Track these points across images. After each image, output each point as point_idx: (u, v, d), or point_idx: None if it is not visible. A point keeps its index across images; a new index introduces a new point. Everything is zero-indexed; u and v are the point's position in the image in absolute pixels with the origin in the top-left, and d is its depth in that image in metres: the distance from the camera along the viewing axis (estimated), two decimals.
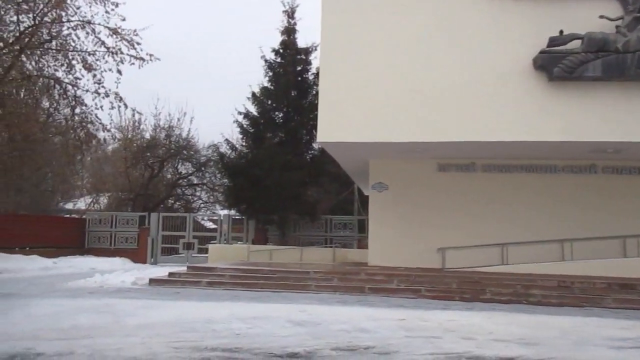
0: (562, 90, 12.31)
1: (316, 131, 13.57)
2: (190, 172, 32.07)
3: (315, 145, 22.14)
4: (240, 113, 22.90)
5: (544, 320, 8.23)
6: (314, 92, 21.91)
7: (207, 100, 47.52)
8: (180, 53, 54.57)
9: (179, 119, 30.30)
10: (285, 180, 20.73)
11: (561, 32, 12.16)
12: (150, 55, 21.13)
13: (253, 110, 23.07)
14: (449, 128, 12.56)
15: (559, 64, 12.04)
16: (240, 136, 23.53)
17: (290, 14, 23.92)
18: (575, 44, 12.14)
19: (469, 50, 12.67)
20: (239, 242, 21.75)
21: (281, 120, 23.07)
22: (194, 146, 31.00)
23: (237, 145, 23.75)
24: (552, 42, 12.18)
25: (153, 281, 12.56)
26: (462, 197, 14.84)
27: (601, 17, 12.08)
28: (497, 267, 13.52)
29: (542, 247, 13.76)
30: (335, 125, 13.02)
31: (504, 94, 12.46)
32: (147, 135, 30.71)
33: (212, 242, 22.65)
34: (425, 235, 14.57)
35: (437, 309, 9.44)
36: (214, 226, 26.72)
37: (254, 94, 23.05)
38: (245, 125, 23.02)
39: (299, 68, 23.25)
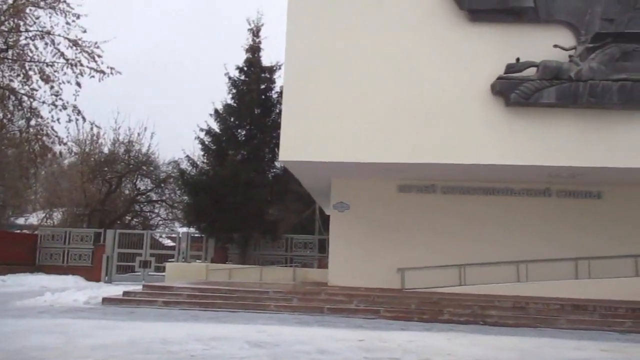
0: (519, 115, 12.70)
1: (279, 149, 13.55)
2: (149, 188, 31.42)
3: (278, 164, 22.09)
4: (202, 130, 22.72)
5: (501, 341, 8.33)
6: (278, 110, 21.97)
7: (170, 116, 46.95)
8: (143, 69, 53.88)
9: (139, 134, 29.77)
10: (248, 198, 20.57)
11: (518, 59, 12.59)
12: (112, 68, 20.79)
13: (215, 127, 22.91)
14: (410, 150, 12.75)
15: (516, 90, 12.44)
16: (202, 153, 23.32)
17: (256, 32, 24.02)
18: (531, 71, 12.58)
19: (430, 74, 12.95)
20: (198, 261, 21.34)
21: (244, 138, 22.96)
22: (154, 162, 30.45)
23: (198, 162, 23.50)
24: (509, 68, 12.59)
25: (107, 300, 12.15)
26: (422, 218, 15.03)
27: (555, 46, 12.57)
28: (455, 287, 13.68)
29: (499, 268, 14.03)
30: (298, 144, 13.04)
31: (464, 117, 12.77)
32: (106, 150, 30.03)
33: (170, 260, 22.18)
34: (386, 256, 14.65)
35: (396, 329, 9.45)
36: (172, 244, 26.15)
37: (216, 111, 22.91)
38: (207, 142, 22.82)
39: (263, 86, 23.27)
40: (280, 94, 18.43)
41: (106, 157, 29.48)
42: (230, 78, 23.25)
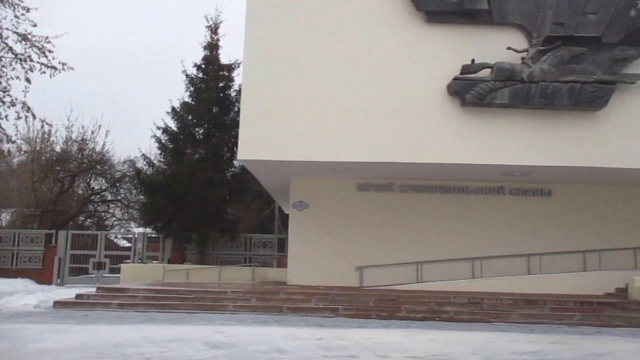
0: (474, 115, 12.99)
1: (237, 148, 13.43)
2: (103, 187, 30.59)
3: (236, 163, 21.88)
4: (159, 128, 22.27)
5: (456, 337, 8.51)
6: (236, 108, 21.77)
7: (125, 114, 45.83)
8: (98, 65, 52.37)
9: (93, 132, 28.91)
10: (206, 198, 20.31)
11: (473, 60, 12.86)
12: (63, 64, 20.04)
13: (173, 125, 22.50)
14: (368, 149, 12.85)
15: (471, 90, 12.71)
16: (159, 152, 22.85)
17: (214, 29, 23.73)
18: (486, 72, 12.87)
19: (388, 74, 13.08)
20: (155, 262, 20.94)
21: (202, 137, 22.65)
22: (109, 161, 29.62)
23: (155, 161, 23.03)
24: (465, 69, 12.85)
25: (58, 304, 11.78)
26: (380, 217, 15.19)
27: (509, 48, 12.90)
28: (413, 285, 13.88)
29: (455, 265, 14.33)
30: (257, 142, 12.96)
31: (421, 117, 12.96)
32: (58, 148, 29.03)
33: (125, 261, 21.64)
34: (345, 254, 14.74)
35: (355, 327, 9.52)
36: (128, 245, 25.57)
37: (174, 109, 22.51)
38: (164, 141, 22.39)
39: (221, 84, 23.00)
40: (239, 92, 18.27)
41: (58, 155, 28.50)
42: (187, 76, 22.88)
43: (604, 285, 13.36)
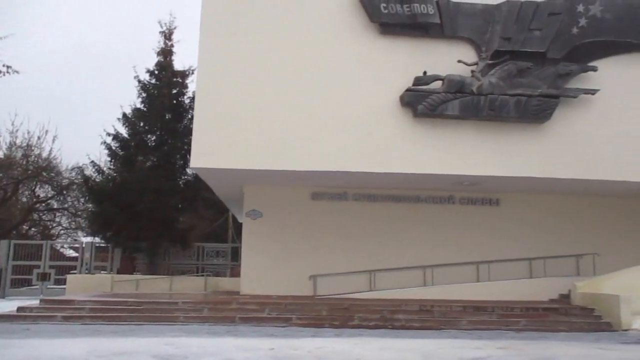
0: (426, 126, 13.26)
1: (190, 156, 13.23)
2: (49, 195, 29.47)
3: (189, 171, 21.58)
4: (109, 134, 21.76)
5: (407, 344, 8.60)
6: (190, 116, 21.51)
7: (74, 119, 44.41)
8: (49, 68, 50.56)
9: (39, 138, 27.85)
10: (157, 206, 19.92)
11: (425, 72, 13.15)
12: (8, 67, 19.31)
13: (124, 132, 22.04)
14: (322, 158, 12.91)
15: (423, 102, 12.98)
16: (109, 159, 22.32)
17: (168, 35, 23.44)
18: (438, 84, 13.18)
19: (342, 84, 13.20)
20: (103, 272, 20.31)
21: (154, 144, 22.26)
22: (56, 168, 28.59)
23: (104, 168, 22.45)
24: (417, 81, 13.12)
25: None
26: (334, 225, 15.25)
27: (459, 61, 13.27)
28: (366, 293, 13.97)
29: (407, 273, 14.52)
30: (210, 150, 12.81)
31: (375, 127, 13.13)
32: (1, 154, 27.85)
33: (72, 272, 20.88)
34: (299, 263, 14.71)
35: (308, 336, 9.49)
36: (75, 255, 24.69)
37: (125, 115, 22.04)
38: (114, 147, 21.88)
39: (174, 91, 22.71)
40: (193, 99, 18.06)
41: (1, 161, 27.32)
42: (140, 81, 22.49)
43: (549, 291, 13.84)
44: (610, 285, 12.36)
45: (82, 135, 34.64)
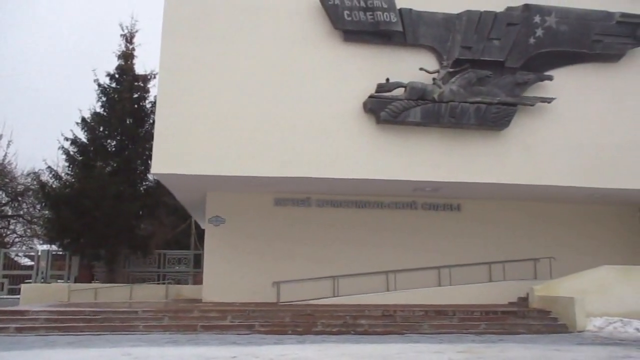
0: (389, 132, 13.39)
1: (152, 161, 13.00)
2: (3, 202, 28.47)
3: (150, 176, 21.21)
4: (67, 139, 21.21)
5: (369, 350, 8.62)
6: (151, 121, 21.17)
7: (30, 123, 43.08)
8: (4, 70, 48.90)
9: None
10: (117, 213, 19.49)
11: (387, 79, 13.28)
12: None
13: (82, 136, 21.53)
14: (285, 164, 12.87)
15: (385, 108, 13.11)
16: (67, 164, 21.74)
17: (129, 38, 23.07)
18: (400, 91, 13.34)
19: (305, 90, 13.22)
20: (60, 281, 19.73)
21: (114, 149, 21.81)
22: (10, 173, 27.70)
23: (62, 174, 21.84)
24: (380, 88, 13.25)
25: None
26: (297, 231, 15.22)
27: (421, 69, 13.47)
28: (329, 299, 13.98)
29: (370, 278, 14.61)
30: (172, 156, 12.61)
31: (338, 133, 13.18)
32: None
33: (26, 281, 20.21)
34: (262, 269, 14.61)
35: (270, 343, 9.40)
36: (30, 263, 23.92)
37: (84, 119, 21.55)
38: (72, 153, 21.34)
39: (135, 95, 22.34)
40: (155, 104, 17.80)
41: None
42: (100, 85, 22.04)
43: (508, 294, 14.12)
44: (565, 288, 12.72)
45: (39, 140, 33.63)
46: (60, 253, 21.11)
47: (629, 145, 14.23)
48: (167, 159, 12.62)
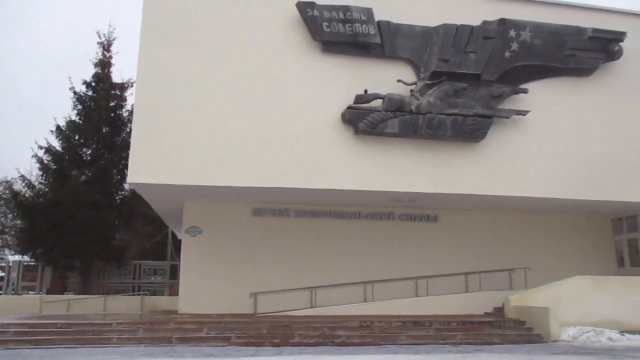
0: (367, 143, 13.46)
1: (128, 170, 12.82)
2: None
3: (127, 186, 20.94)
4: (41, 147, 20.86)
5: None
6: (128, 129, 20.99)
7: (5, 131, 42.22)
8: None
9: None
10: (92, 222, 19.17)
11: (366, 91, 13.37)
12: None
13: (57, 145, 21.18)
14: (263, 174, 12.82)
15: (364, 119, 13.18)
16: (40, 173, 21.35)
17: (107, 46, 22.87)
18: (378, 103, 13.43)
19: (284, 100, 13.22)
20: (31, 292, 19.27)
21: (89, 158, 21.51)
22: None
23: (35, 183, 21.43)
24: (358, 99, 13.32)
25: None
26: (275, 242, 15.15)
27: (399, 81, 13.60)
28: (307, 310, 13.88)
29: (348, 289, 14.57)
30: (148, 165, 12.46)
31: (316, 144, 13.20)
32: None
33: None
34: (239, 280, 14.49)
35: (247, 355, 9.31)
36: (1, 274, 23.31)
37: (59, 128, 21.22)
38: (46, 161, 20.96)
39: (112, 103, 22.11)
40: (132, 112, 17.64)
41: None
42: (75, 93, 21.77)
43: (484, 305, 14.23)
44: (540, 298, 12.88)
45: (12, 148, 32.95)
46: (32, 264, 20.66)
47: (601, 157, 14.55)
48: (144, 168, 12.46)
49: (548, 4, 15.20)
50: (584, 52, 14.82)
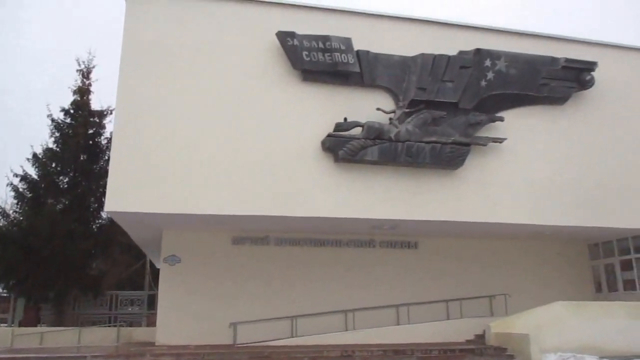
0: (347, 171, 13.49)
1: (105, 199, 12.62)
2: None
3: (104, 214, 20.63)
4: (16, 175, 20.52)
5: None
6: (107, 157, 20.79)
7: None
8: None
9: None
10: (67, 251, 18.79)
11: (345, 119, 13.48)
12: None
13: (33, 173, 20.86)
14: (243, 202, 12.74)
15: (344, 147, 13.25)
16: (15, 201, 20.94)
17: (86, 74, 22.82)
18: (358, 131, 13.52)
19: (265, 128, 13.22)
20: (2, 325, 18.70)
21: (66, 186, 21.20)
22: None
23: (9, 212, 21.00)
24: (338, 127, 13.41)
25: None
26: (256, 270, 14.99)
27: (378, 109, 13.75)
28: (287, 340, 13.69)
29: (329, 318, 14.45)
30: (126, 193, 12.28)
31: (297, 171, 13.19)
32: None
33: None
34: (218, 310, 14.24)
35: None
36: None
37: (35, 156, 20.92)
38: (22, 189, 20.61)
39: (91, 131, 21.95)
40: (111, 140, 17.48)
41: None
42: (53, 120, 21.59)
43: (465, 332, 14.19)
44: (520, 324, 12.89)
45: None
46: (4, 295, 20.08)
47: (575, 183, 14.81)
48: (122, 196, 12.28)
49: (522, 34, 15.65)
50: (557, 81, 15.21)
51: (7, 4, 52.47)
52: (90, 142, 21.76)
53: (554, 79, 15.17)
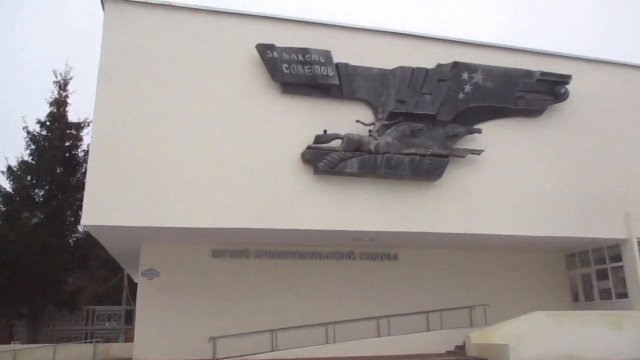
0: (326, 183, 13.49)
1: (82, 212, 12.38)
2: None
3: (81, 228, 20.29)
4: None
5: None
6: (84, 169, 20.49)
7: None
8: None
9: None
10: (43, 266, 18.41)
11: (325, 131, 13.50)
12: None
13: (7, 186, 20.50)
14: (223, 214, 12.62)
15: (323, 159, 13.25)
16: None
17: (63, 85, 22.56)
18: (337, 143, 13.55)
19: (244, 140, 13.16)
20: None
21: (42, 199, 20.82)
22: None
23: None
24: (318, 139, 13.42)
25: None
26: (236, 283, 14.87)
27: (357, 121, 13.82)
28: (268, 353, 13.54)
29: (309, 331, 14.35)
30: (103, 206, 12.07)
31: (276, 184, 13.13)
32: None
33: None
34: (198, 324, 14.07)
35: None
36: None
37: (10, 168, 20.54)
38: None
39: (67, 143, 21.66)
40: (88, 152, 17.23)
41: None
42: (29, 132, 21.24)
43: (446, 343, 14.23)
44: (500, 334, 12.97)
45: None
46: None
47: (551, 194, 15.02)
48: (99, 209, 12.06)
49: (499, 48, 15.93)
50: (533, 94, 15.47)
51: None
52: (67, 154, 21.45)
53: (529, 91, 15.44)
